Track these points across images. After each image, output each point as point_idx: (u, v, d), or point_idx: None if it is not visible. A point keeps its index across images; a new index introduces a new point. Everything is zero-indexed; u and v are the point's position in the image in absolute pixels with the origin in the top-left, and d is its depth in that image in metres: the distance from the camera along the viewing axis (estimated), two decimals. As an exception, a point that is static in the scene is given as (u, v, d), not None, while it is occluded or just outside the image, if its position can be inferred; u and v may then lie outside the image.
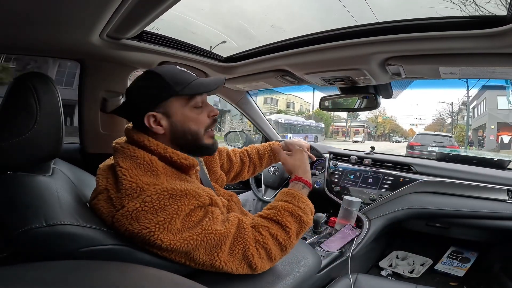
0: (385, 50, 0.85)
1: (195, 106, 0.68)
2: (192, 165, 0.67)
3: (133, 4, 0.60)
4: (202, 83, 0.69)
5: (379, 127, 35.69)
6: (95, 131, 1.12)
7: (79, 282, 0.36)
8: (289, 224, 0.68)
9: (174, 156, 0.64)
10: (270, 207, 0.73)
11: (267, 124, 1.98)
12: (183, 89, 0.65)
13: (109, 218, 0.57)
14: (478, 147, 17.11)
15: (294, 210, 0.70)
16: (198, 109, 0.69)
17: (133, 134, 0.65)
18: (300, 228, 0.71)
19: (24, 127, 0.55)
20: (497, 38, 0.67)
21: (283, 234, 0.67)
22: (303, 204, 0.73)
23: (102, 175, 0.62)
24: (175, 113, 0.66)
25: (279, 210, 0.70)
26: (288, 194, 0.75)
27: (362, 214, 1.27)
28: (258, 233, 0.66)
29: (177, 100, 0.66)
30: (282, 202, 0.73)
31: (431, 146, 8.76)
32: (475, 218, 1.13)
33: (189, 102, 0.67)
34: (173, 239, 0.54)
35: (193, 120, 0.68)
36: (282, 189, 0.78)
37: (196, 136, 0.69)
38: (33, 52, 0.94)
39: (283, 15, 1.01)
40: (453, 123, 25.19)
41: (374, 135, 35.21)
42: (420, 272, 1.31)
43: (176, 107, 0.66)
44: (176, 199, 0.56)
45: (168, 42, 1.00)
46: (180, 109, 0.67)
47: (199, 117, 0.69)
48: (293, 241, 0.69)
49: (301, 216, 0.70)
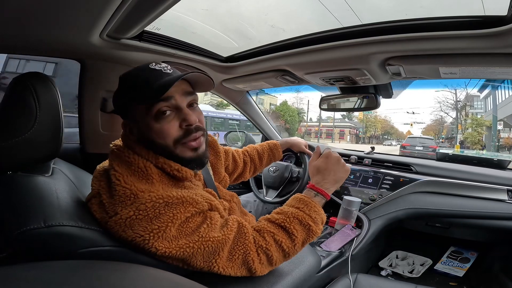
0: (385, 50, 0.85)
1: (159, 115, 0.58)
2: (185, 178, 0.63)
3: (133, 4, 0.60)
4: (164, 84, 0.57)
5: (369, 127, 31.98)
6: (95, 131, 1.12)
7: (79, 282, 0.36)
8: (296, 232, 0.65)
9: (167, 167, 0.61)
10: (279, 212, 0.69)
11: (267, 124, 1.98)
12: (140, 95, 0.57)
13: (102, 224, 0.55)
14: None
15: (304, 218, 0.67)
16: (166, 118, 0.59)
17: (127, 139, 0.63)
18: (308, 237, 0.67)
19: (24, 127, 0.55)
20: (497, 38, 0.67)
21: (288, 242, 0.65)
22: (314, 213, 0.69)
23: (97, 178, 0.60)
24: (139, 122, 0.60)
25: (288, 217, 0.66)
26: (300, 200, 0.71)
27: (362, 214, 1.27)
28: (262, 238, 0.63)
29: (139, 108, 0.59)
30: (293, 208, 0.69)
31: (418, 146, 12.14)
32: (475, 218, 1.13)
33: (151, 110, 0.58)
34: (168, 246, 0.53)
35: (155, 132, 0.59)
36: (295, 195, 0.74)
37: (166, 150, 0.60)
38: (33, 52, 0.94)
39: (283, 15, 1.01)
40: (458, 117, 19.35)
41: (364, 136, 30.95)
42: (420, 272, 1.31)
43: (138, 115, 0.60)
44: (171, 207, 0.54)
45: (168, 42, 1.00)
46: (142, 118, 0.59)
47: (165, 128, 0.59)
48: (298, 250, 0.67)
49: (310, 225, 0.67)
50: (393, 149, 19.46)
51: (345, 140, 28.84)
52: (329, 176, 0.77)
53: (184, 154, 0.62)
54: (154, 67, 0.60)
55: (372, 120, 31.60)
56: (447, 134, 25.36)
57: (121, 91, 0.62)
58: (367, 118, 30.38)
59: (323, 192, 0.74)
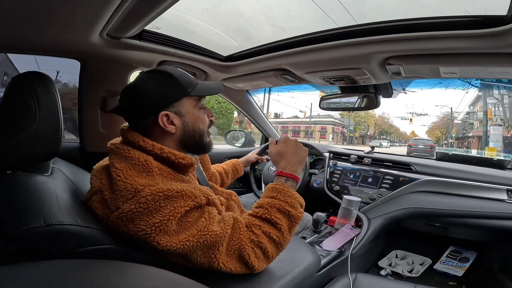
0: (386, 49, 0.85)
1: (201, 107, 0.73)
2: (191, 164, 0.67)
3: (133, 3, 0.60)
4: (207, 86, 0.74)
5: (359, 125, 26.43)
6: (95, 130, 1.12)
7: (79, 281, 0.36)
8: (279, 220, 0.67)
9: (171, 156, 0.64)
10: (258, 205, 0.71)
11: (267, 123, 1.98)
12: (193, 90, 0.69)
13: (104, 220, 0.56)
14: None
15: (281, 205, 0.68)
16: (203, 110, 0.74)
17: (128, 135, 0.65)
18: (291, 223, 0.69)
19: (23, 127, 0.55)
20: (497, 38, 0.67)
21: (275, 231, 0.66)
22: (289, 198, 0.70)
23: (96, 176, 0.62)
24: (187, 113, 0.69)
25: (266, 208, 0.68)
26: (273, 189, 0.72)
27: (361, 213, 1.27)
28: (252, 232, 0.65)
29: (189, 100, 0.70)
30: (268, 198, 0.71)
31: (420, 145, 16.36)
32: (475, 218, 1.13)
33: (198, 103, 0.72)
34: (170, 240, 0.54)
35: (201, 120, 0.73)
36: (268, 185, 0.75)
37: (201, 135, 0.73)
38: (33, 52, 0.94)
39: (283, 14, 1.01)
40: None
41: (352, 136, 25.36)
42: (419, 272, 1.31)
43: (188, 107, 0.70)
44: (171, 200, 0.56)
45: (168, 41, 1.00)
46: (191, 109, 0.70)
47: (204, 117, 0.74)
48: (287, 237, 0.68)
49: (289, 211, 0.68)
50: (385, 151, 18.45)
51: (327, 139, 23.45)
52: (293, 158, 0.78)
53: (207, 139, 0.76)
54: (182, 70, 0.73)
55: (362, 115, 26.28)
56: (457, 133, 22.31)
57: (174, 86, 0.67)
58: (356, 113, 24.14)
59: (292, 176, 0.75)
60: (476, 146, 18.26)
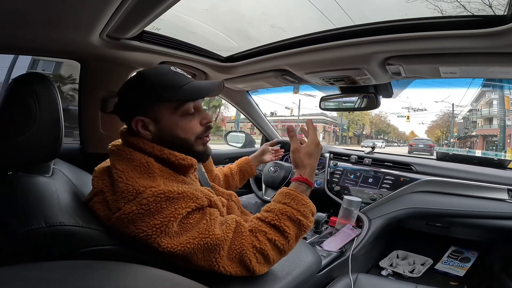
0: (385, 49, 0.85)
1: (185, 113, 0.65)
2: (191, 165, 0.66)
3: (133, 4, 0.60)
4: (195, 88, 0.65)
5: (352, 123, 24.59)
6: (95, 131, 1.12)
7: (80, 282, 0.36)
8: (287, 228, 0.64)
9: (172, 157, 0.63)
10: (268, 209, 0.68)
11: (267, 124, 1.98)
12: (172, 95, 0.63)
13: (105, 221, 0.56)
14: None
15: (293, 213, 0.65)
16: (189, 116, 0.66)
17: (127, 137, 0.64)
18: (300, 231, 0.67)
19: (24, 128, 0.55)
20: (497, 38, 0.67)
21: (281, 239, 0.64)
22: (302, 207, 0.67)
23: (98, 177, 0.61)
24: (163, 119, 0.64)
25: (277, 214, 0.65)
26: (287, 195, 0.68)
27: (362, 213, 1.27)
28: (255, 238, 0.63)
29: (166, 106, 0.64)
30: (280, 204, 0.67)
31: (420, 144, 18.02)
32: (476, 218, 1.13)
33: (179, 109, 0.64)
34: (171, 242, 0.53)
35: (182, 128, 0.65)
36: (281, 189, 0.71)
37: (185, 144, 0.67)
38: (33, 52, 0.94)
39: (283, 15, 1.01)
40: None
41: (346, 135, 23.68)
42: (420, 272, 1.31)
43: (164, 113, 0.64)
44: (173, 202, 0.55)
45: (168, 42, 1.00)
46: (168, 116, 0.64)
47: (190, 124, 0.66)
48: (292, 245, 0.67)
49: (300, 220, 0.66)
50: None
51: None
52: (315, 163, 0.73)
53: (199, 148, 0.69)
54: (176, 71, 0.67)
55: (356, 113, 23.35)
56: (459, 132, 21.51)
57: (142, 90, 0.63)
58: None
59: (310, 182, 0.71)
60: (481, 146, 17.51)
